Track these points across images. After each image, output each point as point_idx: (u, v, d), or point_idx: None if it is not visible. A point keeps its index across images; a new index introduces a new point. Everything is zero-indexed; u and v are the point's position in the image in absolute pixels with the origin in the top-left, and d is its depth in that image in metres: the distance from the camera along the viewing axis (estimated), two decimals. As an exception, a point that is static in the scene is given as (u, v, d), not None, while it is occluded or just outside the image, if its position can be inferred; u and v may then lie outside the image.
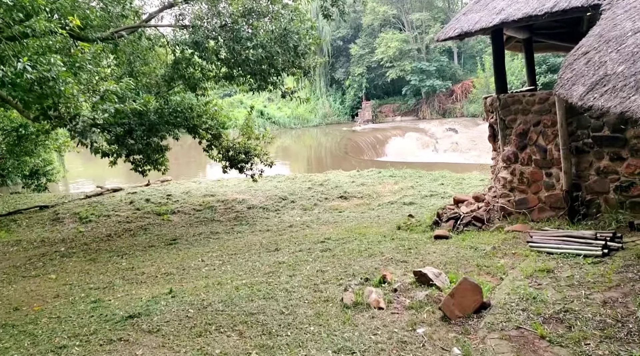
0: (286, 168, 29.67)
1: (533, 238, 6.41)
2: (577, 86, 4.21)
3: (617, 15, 4.77)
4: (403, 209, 12.06)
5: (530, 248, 6.24)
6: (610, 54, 4.10)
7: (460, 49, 47.29)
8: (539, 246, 6.10)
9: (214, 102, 13.07)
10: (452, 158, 30.97)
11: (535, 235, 6.50)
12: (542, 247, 6.04)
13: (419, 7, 45.42)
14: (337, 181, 15.63)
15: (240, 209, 13.34)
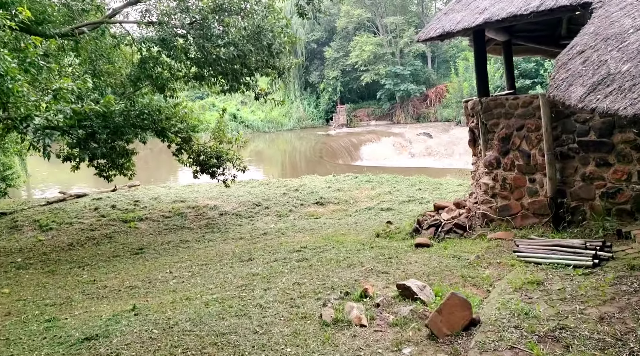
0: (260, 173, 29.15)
1: (519, 247, 6.12)
2: (575, 87, 3.93)
3: (612, 13, 4.53)
4: (381, 216, 11.73)
5: (517, 257, 5.94)
6: (611, 53, 3.83)
7: (434, 54, 47.58)
8: (526, 255, 5.81)
9: (183, 104, 12.52)
10: (427, 163, 30.97)
11: (522, 244, 6.21)
12: (530, 257, 5.75)
13: (393, 11, 45.50)
14: (312, 186, 15.22)
15: (211, 216, 12.81)
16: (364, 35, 44.36)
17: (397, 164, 30.39)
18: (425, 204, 12.54)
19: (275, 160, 36.67)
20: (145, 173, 27.45)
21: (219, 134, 12.72)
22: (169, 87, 10.92)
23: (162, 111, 11.51)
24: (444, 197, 12.93)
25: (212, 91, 12.26)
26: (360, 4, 45.14)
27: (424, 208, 11.84)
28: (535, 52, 10.81)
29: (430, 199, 12.84)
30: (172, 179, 26.79)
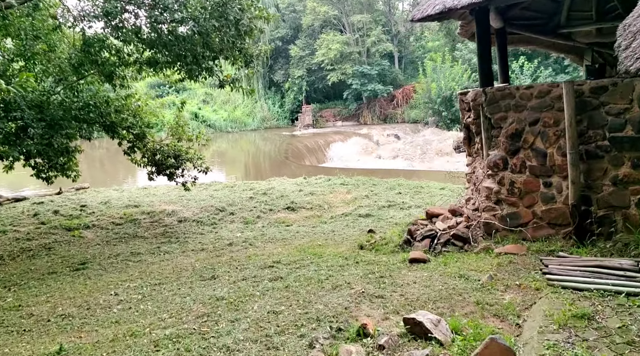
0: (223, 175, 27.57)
1: (550, 268, 5.03)
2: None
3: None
4: (359, 223, 10.58)
5: (548, 281, 4.84)
6: None
7: (401, 54, 47.04)
8: (561, 279, 4.72)
9: (136, 97, 11.03)
10: (396, 164, 30.14)
11: (552, 264, 5.14)
12: (566, 281, 4.65)
13: (359, 9, 44.63)
14: (282, 189, 13.92)
15: (169, 223, 11.35)
16: (331, 34, 43.32)
17: (366, 166, 29.44)
18: (407, 209, 11.48)
19: (239, 161, 35.08)
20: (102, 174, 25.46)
21: (178, 131, 11.30)
22: (118, 75, 9.45)
23: (110, 103, 10.02)
24: (426, 202, 11.91)
25: (169, 80, 10.83)
26: (327, 1, 44.10)
27: (406, 214, 10.79)
28: (528, 42, 9.90)
29: (412, 204, 11.79)
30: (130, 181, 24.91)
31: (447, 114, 36.34)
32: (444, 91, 35.92)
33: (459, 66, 37.14)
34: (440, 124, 37.60)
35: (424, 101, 38.12)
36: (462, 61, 38.19)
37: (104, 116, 10.01)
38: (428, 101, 37.54)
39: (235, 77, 9.13)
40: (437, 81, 36.47)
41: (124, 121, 10.47)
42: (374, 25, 43.46)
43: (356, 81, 42.27)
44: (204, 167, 11.27)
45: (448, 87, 35.88)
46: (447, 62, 37.72)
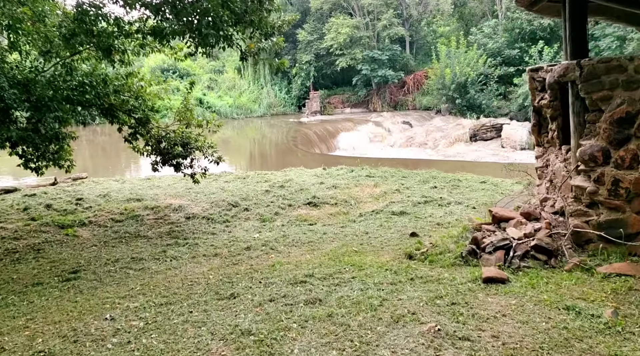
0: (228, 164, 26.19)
1: None
2: None
3: None
4: (394, 222, 9.20)
5: None
6: None
7: (413, 38, 45.27)
8: None
9: (139, 76, 9.61)
10: (409, 154, 28.76)
11: None
12: None
13: (370, -9, 42.80)
14: (300, 182, 12.52)
15: (175, 220, 9.99)
16: (340, 17, 41.61)
17: (378, 155, 28.07)
18: (446, 206, 10.09)
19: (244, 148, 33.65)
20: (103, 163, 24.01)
21: (186, 116, 9.89)
22: (117, 48, 8.00)
23: (109, 83, 8.61)
24: (467, 198, 10.52)
25: (176, 56, 9.39)
26: (337, -17, 42.34)
27: (447, 212, 9.40)
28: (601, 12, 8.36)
29: (452, 200, 10.40)
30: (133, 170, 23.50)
31: (461, 101, 34.82)
32: (458, 77, 34.36)
33: (474, 50, 35.51)
34: (453, 111, 36.10)
35: (437, 87, 36.55)
36: (477, 46, 36.54)
37: (102, 98, 8.61)
38: (441, 87, 35.96)
39: (260, 46, 7.62)
40: (452, 66, 34.87)
41: (125, 104, 9.07)
42: (385, 8, 41.69)
43: (366, 66, 40.67)
44: (215, 157, 9.88)
45: (463, 73, 34.32)
46: (461, 46, 36.08)
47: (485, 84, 34.68)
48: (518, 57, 34.84)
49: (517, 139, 27.89)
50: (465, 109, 35.04)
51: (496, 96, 34.62)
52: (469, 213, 9.53)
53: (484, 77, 34.54)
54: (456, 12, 45.24)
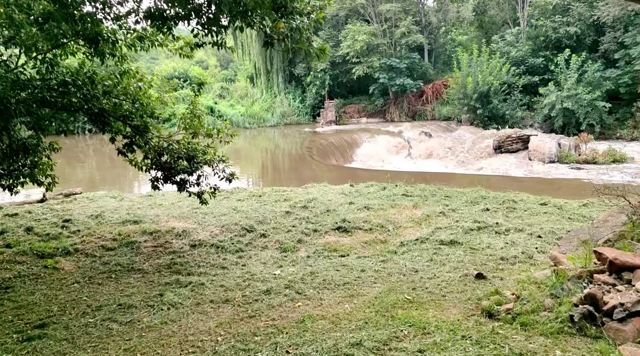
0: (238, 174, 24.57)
1: None
2: None
3: None
4: (446, 255, 7.44)
5: None
6: None
7: (431, 47, 43.61)
8: None
9: (138, 76, 7.96)
10: (431, 166, 26.96)
11: None
12: None
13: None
14: (326, 201, 10.78)
15: (178, 249, 8.30)
16: (357, 24, 40.07)
17: (398, 168, 26.36)
18: (504, 234, 8.32)
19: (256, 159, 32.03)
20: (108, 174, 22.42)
21: (193, 124, 8.22)
22: (105, 38, 6.38)
23: (97, 82, 6.98)
24: (529, 224, 8.74)
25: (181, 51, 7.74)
26: (354, -12, 40.86)
27: (508, 242, 7.63)
28: None
29: (510, 226, 8.61)
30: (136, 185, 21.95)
31: (483, 111, 33.00)
32: (480, 86, 32.58)
33: (496, 59, 33.76)
34: (475, 122, 34.30)
35: (458, 96, 34.79)
36: (500, 54, 34.78)
37: (89, 100, 6.98)
38: (463, 97, 34.19)
39: (293, 26, 5.83)
40: (474, 75, 33.13)
41: (118, 108, 7.44)
42: (404, 15, 40.09)
43: (383, 74, 39.01)
44: (227, 173, 8.19)
45: (485, 82, 32.53)
46: (484, 54, 34.35)
47: (509, 93, 32.93)
48: (543, 66, 33.08)
49: (545, 151, 26.03)
50: (488, 120, 33.29)
51: (520, 106, 32.83)
52: (535, 244, 7.76)
53: (507, 86, 32.78)
54: (476, 21, 43.57)
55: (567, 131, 28.96)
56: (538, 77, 32.80)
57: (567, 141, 26.35)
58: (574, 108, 27.97)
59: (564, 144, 26.15)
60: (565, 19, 31.54)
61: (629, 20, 28.71)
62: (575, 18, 31.17)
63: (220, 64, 74.12)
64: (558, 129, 29.51)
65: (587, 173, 21.38)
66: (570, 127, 29.00)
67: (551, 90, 29.57)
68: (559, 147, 26.11)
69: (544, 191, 14.16)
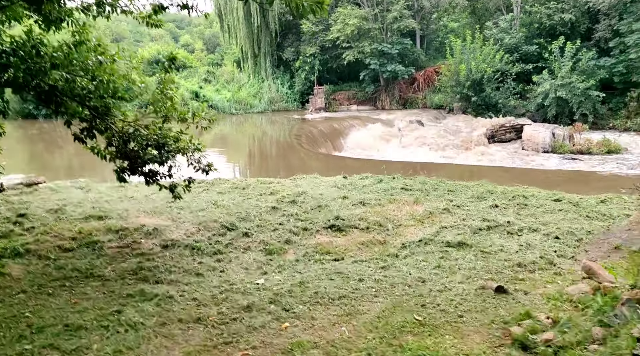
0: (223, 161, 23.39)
1: None
2: None
3: None
4: (454, 259, 6.45)
5: None
6: None
7: (424, 32, 42.48)
8: None
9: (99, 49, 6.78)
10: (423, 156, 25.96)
11: None
12: None
13: (380, -19, 39.96)
14: (317, 195, 9.70)
15: (147, 250, 7.21)
16: (348, 7, 38.70)
17: (389, 157, 25.35)
18: (517, 234, 7.36)
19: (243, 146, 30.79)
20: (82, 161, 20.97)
21: (165, 106, 7.07)
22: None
23: (43, 53, 5.82)
24: (543, 222, 7.78)
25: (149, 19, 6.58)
26: (345, -30, 39.44)
27: (523, 244, 6.69)
28: None
29: (524, 225, 7.64)
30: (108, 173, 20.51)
31: (476, 99, 32.09)
32: (473, 74, 31.63)
33: (490, 45, 32.78)
34: (468, 111, 33.44)
35: (451, 84, 33.81)
36: (494, 41, 33.79)
37: (35, 75, 5.82)
38: (455, 84, 33.21)
39: None
40: (467, 63, 32.13)
41: (72, 86, 6.28)
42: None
43: (375, 60, 37.80)
44: (204, 163, 7.09)
45: (479, 69, 31.56)
46: (477, 41, 33.35)
47: (502, 81, 32.07)
48: (536, 54, 32.20)
49: (539, 141, 25.27)
50: (480, 108, 32.48)
51: (513, 95, 32.02)
52: (553, 246, 6.81)
53: (500, 74, 31.87)
54: (469, 6, 42.46)
55: (560, 121, 28.25)
56: (532, 65, 31.94)
57: (561, 131, 25.64)
58: (568, 97, 27.27)
59: (558, 134, 25.45)
60: (560, 6, 30.63)
61: (624, 8, 27.93)
62: (570, 4, 30.28)
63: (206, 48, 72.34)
64: (551, 118, 28.80)
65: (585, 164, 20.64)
66: (563, 117, 28.30)
67: (545, 78, 28.82)
68: (553, 137, 25.39)
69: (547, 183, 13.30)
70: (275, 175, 14.73)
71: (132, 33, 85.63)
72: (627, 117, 27.84)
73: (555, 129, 25.70)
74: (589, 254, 6.06)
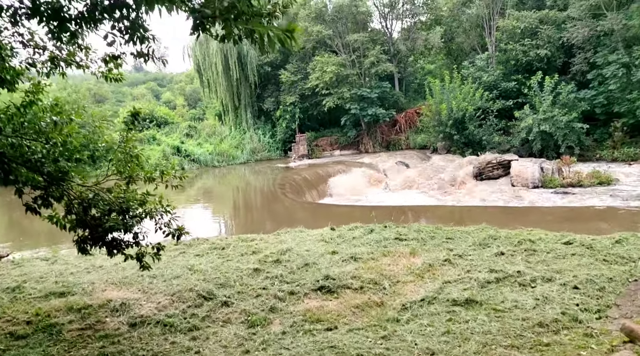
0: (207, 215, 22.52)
1: None
2: None
3: None
4: (465, 322, 5.66)
5: None
6: None
7: (402, 75, 42.92)
8: None
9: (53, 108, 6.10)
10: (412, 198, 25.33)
11: None
12: None
13: (354, 28, 40.54)
14: (303, 252, 8.86)
15: (112, 331, 6.29)
16: (325, 55, 39.06)
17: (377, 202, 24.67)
18: (530, 286, 6.61)
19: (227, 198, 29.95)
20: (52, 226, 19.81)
21: (127, 165, 6.35)
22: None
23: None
24: (556, 269, 7.04)
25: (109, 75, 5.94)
26: (320, 20, 40.01)
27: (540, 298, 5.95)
28: None
29: (536, 275, 6.90)
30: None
31: (459, 137, 31.98)
32: (455, 112, 31.63)
33: (469, 84, 33.01)
34: (453, 149, 33.24)
35: (433, 124, 33.76)
36: (472, 79, 34.09)
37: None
38: (437, 124, 33.15)
39: None
40: (447, 102, 32.22)
41: (22, 151, 5.56)
42: (372, 44, 39.34)
43: (355, 105, 37.86)
44: (173, 228, 6.29)
45: (460, 108, 31.58)
46: (456, 81, 33.60)
47: (484, 118, 32.08)
48: (516, 90, 32.47)
49: (528, 176, 24.88)
50: (465, 146, 32.34)
51: (496, 131, 31.96)
52: (574, 298, 6.06)
53: (481, 112, 31.93)
54: (444, 48, 43.21)
55: (546, 155, 28.07)
56: (512, 100, 32.11)
57: (549, 165, 25.36)
58: (552, 130, 27.19)
59: (546, 168, 25.15)
60: (534, 42, 31.12)
61: (598, 41, 28.41)
62: (545, 41, 30.75)
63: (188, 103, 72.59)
64: (537, 152, 28.61)
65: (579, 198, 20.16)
66: (549, 150, 28.14)
67: (527, 113, 28.84)
68: (541, 172, 25.06)
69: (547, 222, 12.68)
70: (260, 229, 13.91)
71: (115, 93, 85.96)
72: (614, 148, 27.78)
73: (543, 163, 25.42)
74: (621, 309, 5.32)
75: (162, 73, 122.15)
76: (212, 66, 42.83)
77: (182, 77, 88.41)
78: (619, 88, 26.64)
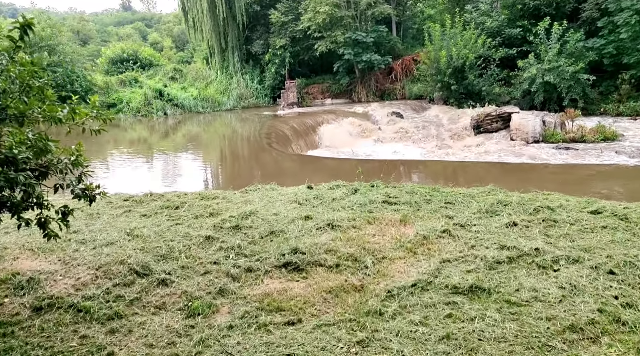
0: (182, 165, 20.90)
1: None
2: None
3: None
4: (467, 317, 4.20)
5: None
6: None
7: (400, 19, 40.34)
8: None
9: None
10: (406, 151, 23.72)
11: None
12: None
13: (351, -34, 37.61)
14: (270, 216, 7.22)
15: (9, 316, 4.79)
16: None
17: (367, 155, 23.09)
18: (550, 269, 5.13)
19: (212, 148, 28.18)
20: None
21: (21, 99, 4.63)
22: None
23: None
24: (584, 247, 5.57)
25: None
26: (313, -44, 37.01)
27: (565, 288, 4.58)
28: None
29: (558, 254, 5.39)
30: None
31: (458, 87, 30.09)
32: (455, 60, 29.61)
33: (471, 30, 30.79)
34: (450, 100, 31.41)
35: (431, 72, 31.75)
36: (475, 25, 31.82)
37: None
38: (436, 73, 31.14)
39: None
40: (447, 49, 30.08)
41: None
42: (369, -17, 36.55)
43: (349, 50, 35.54)
44: (80, 187, 4.67)
45: (460, 56, 29.52)
46: (457, 26, 31.33)
47: (485, 68, 30.14)
48: (520, 37, 30.39)
49: (529, 130, 23.34)
50: (463, 97, 30.54)
51: (497, 82, 30.14)
52: (610, 287, 4.62)
53: (483, 60, 29.91)
54: (446, -10, 40.47)
55: (548, 107, 26.43)
56: (516, 49, 30.09)
57: (551, 118, 23.80)
58: (556, 82, 25.43)
59: (548, 122, 23.61)
60: (543, -16, 28.80)
61: (612, -15, 26.21)
62: (555, -18, 28.45)
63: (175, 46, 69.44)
64: (538, 105, 26.96)
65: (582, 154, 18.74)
66: (551, 103, 26.49)
67: (531, 63, 26.96)
68: (543, 125, 23.51)
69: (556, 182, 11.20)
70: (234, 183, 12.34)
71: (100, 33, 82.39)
72: (619, 102, 26.18)
73: (545, 116, 23.84)
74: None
75: (150, 13, 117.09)
76: (197, 2, 40.06)
77: (171, 17, 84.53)
78: (631, 37, 24.73)
